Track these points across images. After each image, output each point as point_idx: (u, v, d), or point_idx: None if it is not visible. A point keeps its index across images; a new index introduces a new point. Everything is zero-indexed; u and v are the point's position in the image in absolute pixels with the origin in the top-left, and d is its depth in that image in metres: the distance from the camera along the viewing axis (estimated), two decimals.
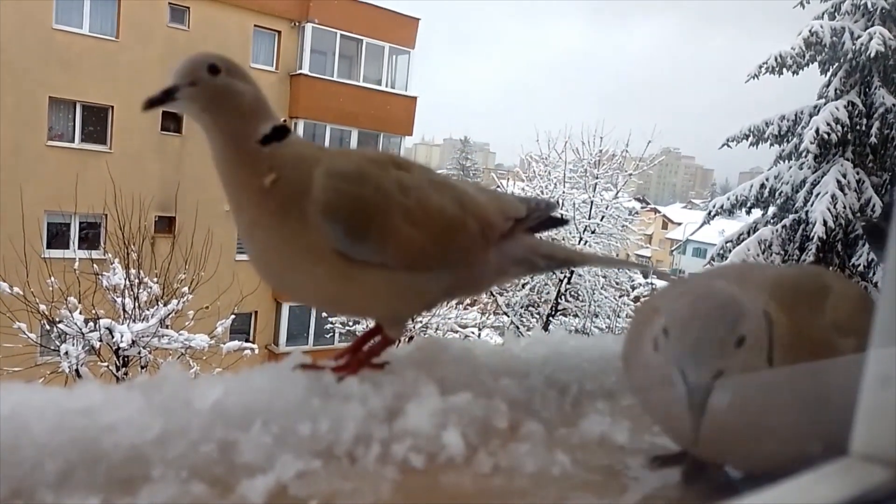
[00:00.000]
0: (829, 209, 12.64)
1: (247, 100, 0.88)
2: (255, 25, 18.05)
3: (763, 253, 13.63)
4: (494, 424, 0.83)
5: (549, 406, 0.92)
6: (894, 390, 0.48)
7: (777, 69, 13.95)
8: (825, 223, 12.61)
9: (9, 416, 0.60)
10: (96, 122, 16.56)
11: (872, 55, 12.52)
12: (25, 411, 0.61)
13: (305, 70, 18.68)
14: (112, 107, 16.45)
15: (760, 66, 14.10)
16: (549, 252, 1.08)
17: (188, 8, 17.05)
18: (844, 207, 12.72)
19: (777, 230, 13.67)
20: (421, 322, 14.83)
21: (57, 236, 15.81)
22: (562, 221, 1.09)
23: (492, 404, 0.85)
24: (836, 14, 13.80)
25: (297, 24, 18.59)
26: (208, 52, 0.89)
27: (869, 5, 12.96)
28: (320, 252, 0.84)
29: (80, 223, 16.02)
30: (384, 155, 0.98)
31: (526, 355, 1.07)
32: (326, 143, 19.44)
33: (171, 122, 17.22)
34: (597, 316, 17.80)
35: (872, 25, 12.89)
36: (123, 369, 11.07)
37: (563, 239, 17.74)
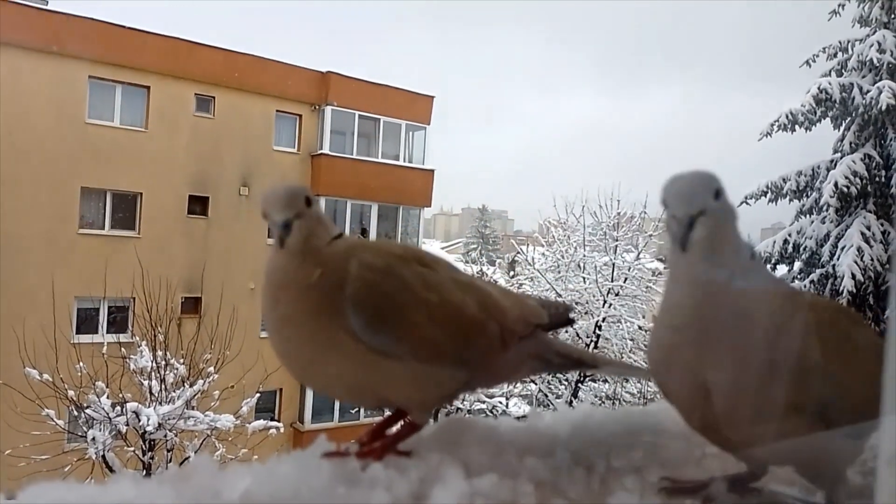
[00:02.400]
0: (856, 262, 12.44)
1: (324, 218, 1.01)
2: (277, 110, 18.81)
3: None
4: None
5: (576, 484, 0.91)
6: None
7: (789, 126, 14.07)
8: (853, 276, 12.38)
9: None
10: (125, 208, 17.14)
11: (884, 108, 12.61)
12: None
13: (326, 150, 19.29)
14: (141, 193, 17.05)
15: (772, 124, 14.24)
16: (564, 351, 1.12)
17: (213, 97, 17.88)
18: (872, 259, 12.51)
19: (805, 286, 13.43)
20: None
21: (86, 321, 16.08)
22: (571, 322, 1.15)
23: (518, 485, 0.84)
24: (843, 71, 14.02)
25: (317, 107, 19.35)
26: (299, 186, 1.03)
27: (875, 61, 13.16)
28: (347, 343, 0.89)
29: (109, 307, 16.30)
30: (411, 250, 1.03)
31: (551, 432, 1.06)
32: (347, 218, 19.82)
33: (198, 206, 17.75)
34: (627, 381, 17.36)
35: (880, 80, 13.05)
36: (150, 453, 10.99)
37: (587, 302, 17.58)
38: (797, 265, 14.23)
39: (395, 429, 0.95)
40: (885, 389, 0.50)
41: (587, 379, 17.61)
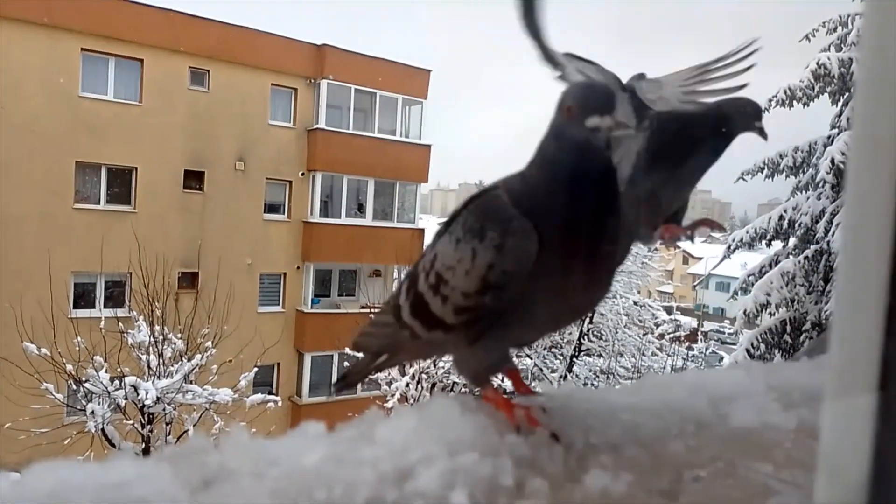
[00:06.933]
0: None
1: None
2: (273, 84, 18.65)
3: (787, 285, 13.46)
4: (501, 482, 0.86)
5: (554, 462, 0.95)
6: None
7: (787, 102, 14.01)
8: None
9: (51, 492, 0.66)
10: (121, 183, 17.08)
11: None
12: (66, 488, 0.67)
13: (322, 124, 19.17)
14: (136, 168, 16.98)
15: (770, 100, 14.17)
16: None
17: (208, 71, 17.71)
18: None
19: (799, 262, 13.52)
20: (443, 367, 14.74)
21: (83, 296, 16.14)
22: None
23: (498, 463, 0.88)
24: (842, 46, 13.93)
25: (312, 81, 19.18)
26: None
27: None
28: None
29: (106, 282, 16.35)
30: None
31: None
32: (344, 194, 19.75)
33: (194, 181, 17.70)
34: (621, 355, 17.56)
35: None
36: (148, 426, 11.13)
37: None
38: (791, 241, 14.30)
39: None
40: (833, 328, 0.54)
41: (582, 354, 17.78)
